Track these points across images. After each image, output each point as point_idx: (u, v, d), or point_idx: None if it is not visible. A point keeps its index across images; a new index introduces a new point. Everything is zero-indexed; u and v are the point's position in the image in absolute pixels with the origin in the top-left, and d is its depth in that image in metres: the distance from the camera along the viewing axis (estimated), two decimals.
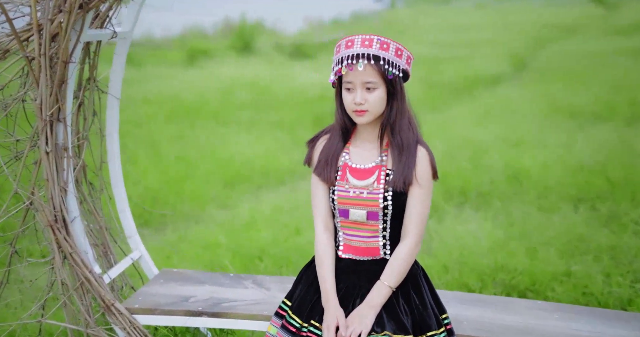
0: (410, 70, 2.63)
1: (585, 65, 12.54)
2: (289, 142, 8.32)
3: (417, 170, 2.60)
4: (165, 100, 9.73)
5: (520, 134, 7.81)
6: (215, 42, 16.28)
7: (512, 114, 9.10)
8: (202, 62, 13.35)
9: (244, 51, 15.02)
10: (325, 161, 2.71)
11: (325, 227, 2.74)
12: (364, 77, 2.51)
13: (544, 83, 11.32)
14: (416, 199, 2.61)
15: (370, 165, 2.64)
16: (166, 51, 15.29)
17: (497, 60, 13.59)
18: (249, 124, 9.03)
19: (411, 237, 2.61)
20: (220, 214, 6.16)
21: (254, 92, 10.49)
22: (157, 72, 11.91)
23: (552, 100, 9.74)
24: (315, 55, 14.96)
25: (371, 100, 2.54)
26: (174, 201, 6.41)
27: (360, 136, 2.72)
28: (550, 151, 6.94)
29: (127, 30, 3.24)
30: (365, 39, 2.53)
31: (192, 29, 18.88)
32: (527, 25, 19.99)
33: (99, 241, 3.30)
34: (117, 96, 3.31)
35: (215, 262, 4.96)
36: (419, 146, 2.65)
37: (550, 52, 15.21)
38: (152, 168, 7.06)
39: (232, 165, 7.34)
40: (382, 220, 2.63)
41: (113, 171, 3.37)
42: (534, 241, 4.85)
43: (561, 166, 6.37)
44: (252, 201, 6.51)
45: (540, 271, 4.30)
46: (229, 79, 11.27)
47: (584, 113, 8.85)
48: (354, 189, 2.62)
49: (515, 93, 10.73)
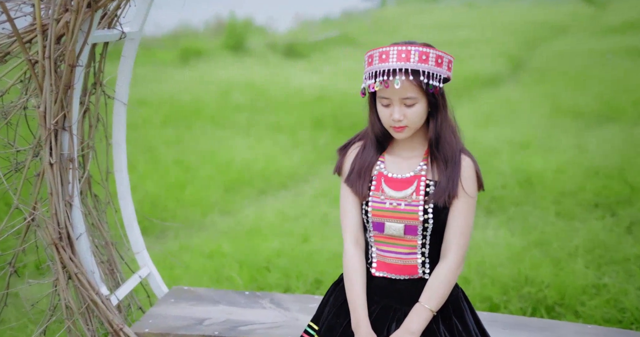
0: (451, 74, 2.41)
1: (583, 65, 12.35)
2: (288, 145, 8.09)
3: (462, 181, 2.38)
4: (160, 103, 9.46)
5: (527, 136, 7.59)
6: (206, 41, 16.00)
7: (515, 115, 8.89)
8: (195, 62, 13.08)
9: (237, 51, 14.75)
10: (358, 172, 2.49)
11: (356, 242, 2.50)
12: (402, 94, 2.29)
13: (544, 83, 11.13)
14: (459, 213, 2.38)
15: (409, 175, 2.42)
16: (157, 50, 15.00)
17: (492, 60, 13.39)
18: (247, 127, 8.78)
19: (453, 255, 2.38)
20: (223, 221, 5.93)
21: (250, 93, 10.23)
22: (149, 73, 11.63)
23: (554, 100, 9.54)
24: (309, 54, 14.72)
25: (410, 115, 2.32)
26: (174, 207, 6.17)
27: (398, 145, 2.50)
28: (561, 154, 6.72)
29: (136, 30, 3.00)
30: (402, 51, 2.29)
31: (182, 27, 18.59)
32: (518, 24, 19.83)
33: (104, 257, 3.05)
34: (124, 101, 3.07)
35: (222, 274, 4.73)
36: (462, 155, 2.43)
37: (545, 52, 15.04)
38: (150, 173, 6.82)
39: (232, 169, 7.10)
40: (421, 235, 2.39)
41: (120, 182, 3.13)
42: (556, 250, 4.62)
43: (575, 169, 6.16)
44: (255, 207, 6.28)
45: (568, 284, 4.07)
46: (224, 80, 11.01)
47: (588, 113, 8.65)
48: (391, 200, 2.39)
49: (516, 93, 10.53)
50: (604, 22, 19.27)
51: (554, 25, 19.92)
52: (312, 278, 4.60)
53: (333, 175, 2.64)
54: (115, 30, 2.85)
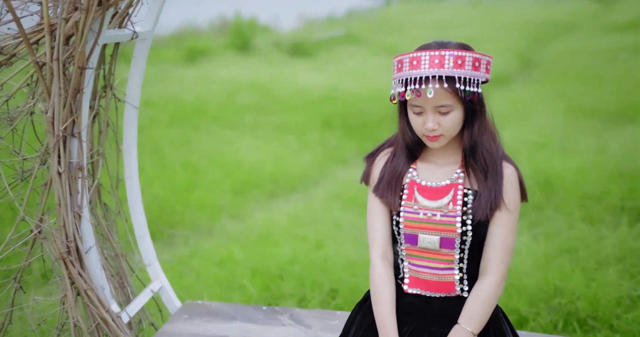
0: (489, 75, 2.21)
1: (594, 63, 12.14)
2: (297, 146, 7.90)
3: (504, 192, 2.19)
4: (166, 103, 9.27)
5: (543, 136, 7.38)
6: (211, 41, 15.81)
7: (529, 114, 8.68)
8: (200, 62, 12.89)
9: (242, 50, 14.56)
10: (387, 182, 2.30)
11: (384, 257, 2.31)
12: (436, 102, 2.11)
13: (556, 81, 10.91)
14: (502, 226, 2.19)
15: (444, 183, 2.23)
16: (162, 50, 14.81)
17: (501, 58, 13.17)
18: (254, 127, 8.59)
19: (495, 272, 2.19)
20: (233, 226, 5.75)
21: (256, 93, 10.04)
22: (154, 73, 11.42)
23: (568, 99, 9.33)
24: (314, 53, 14.51)
25: (445, 124, 2.13)
26: (182, 211, 5.99)
27: (432, 151, 2.31)
28: (581, 154, 6.51)
29: (148, 29, 2.81)
30: (435, 56, 2.08)
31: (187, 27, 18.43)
32: (523, 23, 19.59)
33: (114, 270, 2.86)
34: (135, 105, 2.89)
35: (234, 283, 4.54)
36: (504, 163, 2.24)
37: (554, 50, 14.82)
38: (157, 176, 6.64)
39: (240, 172, 6.92)
40: (458, 249, 2.20)
41: (130, 190, 2.94)
42: (584, 258, 4.41)
43: (597, 171, 5.93)
44: (265, 211, 6.10)
45: (601, 295, 3.86)
46: (230, 79, 10.81)
47: (606, 112, 8.43)
48: (425, 210, 2.20)
49: (528, 92, 10.32)
50: (611, 20, 19.03)
51: (559, 23, 19.68)
52: (328, 287, 4.41)
53: (361, 184, 2.45)
54: (126, 30, 2.67)
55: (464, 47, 2.14)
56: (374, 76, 10.82)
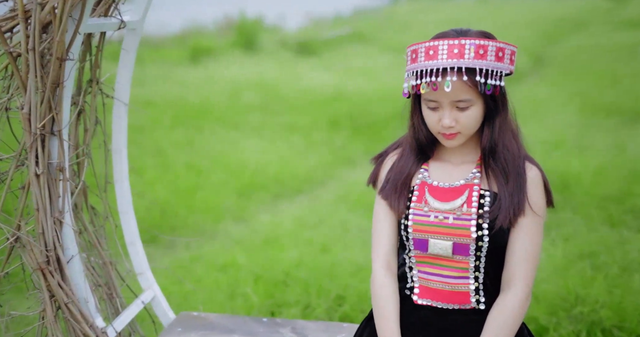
0: (514, 67, 1.99)
1: (608, 59, 11.85)
2: (303, 147, 7.67)
3: (529, 196, 1.97)
4: (169, 103, 9.06)
5: (559, 134, 7.13)
6: (217, 40, 15.61)
7: (544, 112, 8.42)
8: (205, 61, 12.67)
9: (247, 49, 14.34)
10: (394, 185, 2.09)
11: (387, 267, 2.10)
12: (454, 96, 1.89)
13: (570, 79, 10.64)
14: (526, 234, 1.97)
15: (459, 183, 2.01)
16: (166, 50, 14.61)
17: None
18: (259, 128, 8.36)
19: (520, 285, 1.96)
20: (236, 229, 5.52)
21: (262, 92, 9.81)
22: (158, 73, 11.22)
23: (583, 97, 9.06)
24: (320, 52, 14.28)
25: (464, 121, 1.93)
26: (184, 214, 5.77)
27: (446, 149, 2.10)
28: (598, 154, 6.25)
29: (138, 19, 2.59)
30: (454, 46, 1.86)
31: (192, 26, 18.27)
32: (533, 20, 19.30)
33: (102, 279, 2.63)
34: (125, 101, 2.66)
35: (236, 290, 4.32)
36: (527, 164, 2.02)
37: (566, 47, 14.53)
38: (159, 178, 6.42)
39: (245, 173, 6.70)
40: (473, 256, 1.98)
41: (120, 194, 2.72)
42: (606, 263, 4.17)
43: (616, 171, 5.68)
44: (270, 213, 5.88)
45: (626, 304, 3.61)
46: (235, 79, 10.59)
47: (623, 110, 8.15)
48: (436, 212, 1.99)
49: (541, 90, 10.05)
50: (624, 16, 18.70)
51: (571, 20, 19.38)
52: (334, 294, 4.18)
53: (368, 186, 2.24)
54: (113, 18, 2.44)
55: (486, 36, 1.92)
56: (381, 75, 10.58)
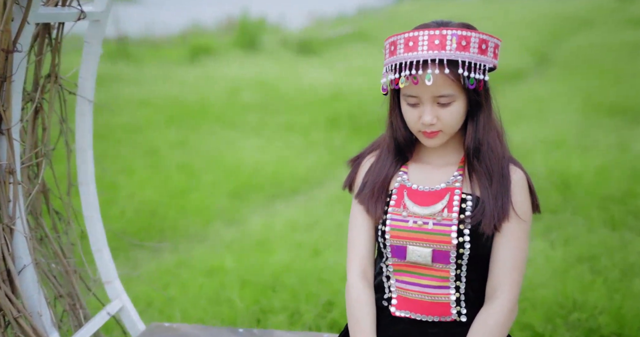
0: (497, 61, 1.85)
1: (613, 58, 11.67)
2: (301, 147, 7.50)
3: (513, 200, 1.85)
4: (166, 102, 8.90)
5: (560, 133, 6.94)
6: (218, 39, 15.48)
7: (546, 111, 8.24)
8: (204, 61, 12.53)
9: (248, 49, 14.19)
10: (371, 188, 1.95)
11: (363, 276, 1.96)
12: (435, 91, 1.76)
13: (573, 77, 10.45)
14: (512, 240, 1.84)
15: (439, 186, 1.88)
16: (167, 49, 14.49)
17: (515, 54, 12.71)
18: (257, 127, 8.20)
19: (506, 295, 1.82)
20: (227, 232, 5.36)
21: (261, 92, 9.65)
22: (157, 72, 11.09)
23: (586, 95, 8.87)
24: (322, 51, 14.12)
25: (445, 118, 1.79)
26: (174, 216, 5.60)
27: (427, 150, 1.97)
28: (600, 153, 6.06)
29: (101, 10, 2.42)
30: (435, 36, 1.73)
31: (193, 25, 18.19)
32: (538, 18, 19.13)
33: (64, 289, 2.46)
34: (89, 98, 2.50)
35: (221, 295, 4.16)
36: (511, 166, 1.90)
37: (571, 45, 14.34)
38: (150, 178, 6.27)
39: (240, 174, 6.53)
40: (454, 263, 1.84)
41: (86, 198, 2.55)
42: (607, 266, 4.00)
43: (618, 171, 5.50)
44: (263, 215, 5.71)
45: (627, 309, 3.44)
46: (234, 78, 10.44)
47: (626, 109, 7.97)
48: (415, 217, 1.85)
49: (544, 88, 9.87)
50: (629, 14, 18.50)
51: (576, 18, 19.19)
52: (324, 299, 4.01)
53: (344, 190, 2.11)
54: (72, 8, 2.28)
55: (468, 27, 1.78)
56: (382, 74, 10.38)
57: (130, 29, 15.57)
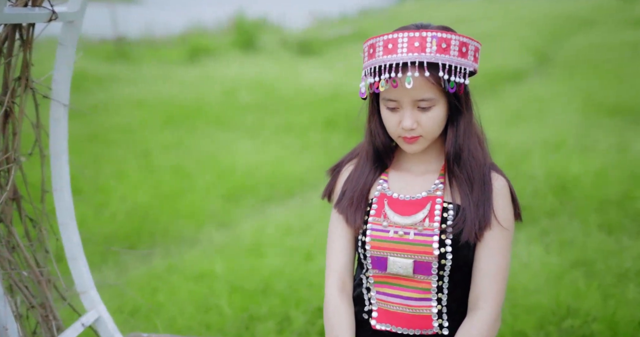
0: (477, 65, 1.79)
1: (614, 58, 11.56)
2: (298, 148, 7.42)
3: (495, 208, 1.79)
4: (162, 103, 8.82)
5: (560, 135, 6.85)
6: (218, 40, 15.42)
7: (545, 112, 8.15)
8: (204, 61, 12.45)
9: (247, 49, 14.12)
10: (350, 198, 1.91)
11: (342, 288, 1.92)
12: (415, 95, 1.71)
13: (574, 77, 10.35)
14: (494, 248, 1.79)
15: (420, 195, 1.83)
16: (166, 50, 14.43)
17: (516, 54, 12.64)
18: (254, 128, 8.12)
19: (489, 305, 1.78)
20: (219, 236, 5.28)
21: (259, 92, 9.57)
22: (154, 72, 11.01)
23: (587, 96, 8.77)
24: (322, 52, 14.04)
25: (426, 122, 1.75)
26: (166, 219, 5.52)
27: (407, 157, 1.93)
28: (600, 155, 5.96)
29: (75, 10, 2.34)
30: (415, 39, 1.68)
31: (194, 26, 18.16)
32: (540, 18, 19.06)
33: (37, 300, 2.37)
34: (64, 102, 2.42)
35: (210, 301, 4.07)
36: (493, 174, 1.85)
37: (572, 45, 14.24)
38: (142, 181, 6.18)
39: (235, 176, 6.45)
40: (436, 275, 1.80)
41: (60, 205, 2.47)
42: (602, 272, 3.92)
43: (617, 173, 5.40)
44: (257, 218, 5.63)
45: (620, 316, 3.36)
46: (232, 78, 10.35)
47: (627, 110, 7.86)
48: (396, 227, 1.81)
49: (544, 89, 9.77)
50: (632, 14, 18.38)
51: (578, 18, 19.10)
52: (315, 305, 3.93)
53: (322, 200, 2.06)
54: (43, 9, 2.20)
55: (448, 30, 1.74)
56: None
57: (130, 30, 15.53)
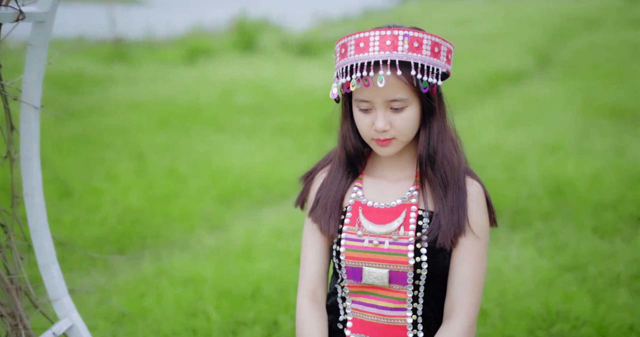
0: (450, 67, 1.74)
1: (617, 58, 11.47)
2: (293, 150, 7.36)
3: (470, 214, 1.76)
4: (158, 104, 8.78)
5: (557, 137, 6.78)
6: (220, 41, 15.38)
7: (544, 113, 8.07)
8: (203, 63, 12.40)
9: (247, 50, 14.07)
10: (324, 205, 1.87)
11: (313, 297, 1.90)
12: (388, 94, 1.68)
13: (575, 78, 10.26)
14: (469, 256, 1.76)
15: (394, 203, 1.79)
16: (166, 51, 14.38)
17: (518, 55, 12.56)
18: (250, 130, 8.07)
19: (464, 314, 1.74)
20: (210, 239, 5.22)
21: (256, 94, 9.52)
22: (152, 73, 10.97)
23: (587, 97, 8.69)
24: (322, 53, 13.98)
25: (399, 124, 1.71)
26: (158, 223, 5.46)
27: (381, 163, 1.88)
28: (597, 158, 5.89)
29: (45, 10, 2.29)
30: (386, 37, 1.64)
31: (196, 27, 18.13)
32: (544, 18, 19.00)
33: (6, 309, 2.32)
34: (35, 105, 2.37)
35: (198, 306, 4.02)
36: (468, 179, 1.81)
37: (575, 45, 14.15)
38: (134, 184, 6.13)
39: (228, 178, 6.39)
40: (412, 284, 1.76)
41: (32, 210, 2.41)
42: (593, 275, 3.86)
43: (614, 176, 5.33)
44: (250, 222, 5.57)
45: (610, 321, 3.30)
46: (230, 80, 10.30)
47: (627, 112, 7.77)
48: (371, 237, 1.78)
49: (544, 90, 9.69)
50: (637, 15, 18.26)
51: (582, 18, 19.00)
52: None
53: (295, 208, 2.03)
54: (10, 8, 2.14)
55: (420, 30, 1.71)
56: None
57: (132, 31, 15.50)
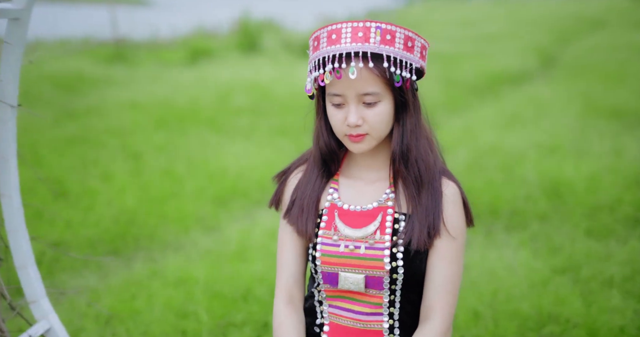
0: (425, 65, 1.71)
1: (620, 59, 11.41)
2: (291, 151, 7.31)
3: (445, 215, 1.73)
4: (155, 105, 8.74)
5: (556, 138, 6.73)
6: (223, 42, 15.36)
7: (544, 115, 8.02)
8: (205, 64, 12.38)
9: (248, 51, 14.04)
10: (300, 207, 1.86)
11: (289, 300, 1.86)
12: (360, 88, 1.65)
13: (577, 80, 10.21)
14: (445, 258, 1.74)
15: (371, 206, 1.76)
16: (168, 52, 14.36)
17: (521, 56, 12.51)
18: (248, 131, 8.03)
19: (439, 316, 1.72)
20: (205, 240, 5.19)
21: (255, 94, 9.49)
22: (150, 74, 10.95)
23: (588, 98, 8.63)
24: None
25: (372, 119, 1.68)
26: (153, 224, 5.43)
27: (356, 163, 1.86)
28: (595, 159, 5.84)
29: (21, 7, 2.25)
30: (359, 29, 1.63)
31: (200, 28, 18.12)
32: (548, 20, 18.96)
33: None
34: (12, 104, 2.33)
35: (189, 307, 3.99)
36: (444, 180, 1.77)
37: (579, 47, 14.09)
38: (130, 184, 6.10)
39: (225, 179, 6.36)
40: (388, 289, 1.74)
41: (9, 211, 2.38)
42: (586, 277, 3.82)
43: (611, 178, 5.29)
44: (245, 223, 5.53)
45: (602, 323, 3.26)
46: (229, 81, 10.27)
47: (627, 113, 7.72)
48: (347, 241, 1.76)
49: (546, 91, 9.64)
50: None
51: (587, 20, 18.94)
52: None
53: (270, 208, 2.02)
54: None
55: (393, 24, 1.69)
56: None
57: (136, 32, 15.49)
